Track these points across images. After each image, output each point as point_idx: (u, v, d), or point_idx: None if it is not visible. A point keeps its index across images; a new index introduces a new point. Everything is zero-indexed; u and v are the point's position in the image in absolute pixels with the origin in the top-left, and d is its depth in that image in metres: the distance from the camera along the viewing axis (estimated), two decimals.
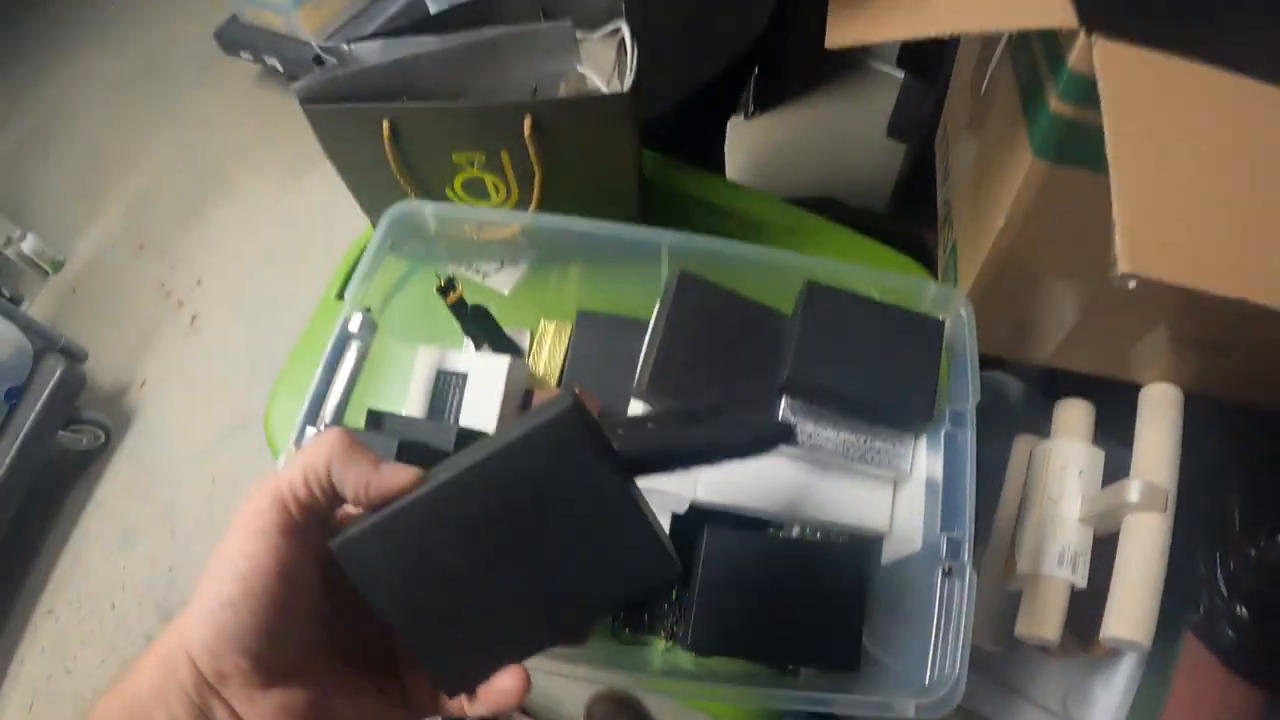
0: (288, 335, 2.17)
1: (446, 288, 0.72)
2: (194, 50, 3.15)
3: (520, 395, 0.72)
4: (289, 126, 2.80)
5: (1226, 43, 0.56)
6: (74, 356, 2.07)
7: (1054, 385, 0.82)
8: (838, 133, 2.44)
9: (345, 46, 0.76)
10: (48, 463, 2.03)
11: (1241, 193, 0.51)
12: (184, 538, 2.01)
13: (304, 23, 2.55)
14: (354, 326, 0.64)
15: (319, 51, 0.78)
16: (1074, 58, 0.55)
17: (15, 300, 2.49)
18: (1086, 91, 0.54)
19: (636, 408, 0.66)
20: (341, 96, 0.73)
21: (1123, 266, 0.45)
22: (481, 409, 0.68)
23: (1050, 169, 0.63)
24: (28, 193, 2.98)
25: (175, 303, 2.44)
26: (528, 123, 0.68)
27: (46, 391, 1.92)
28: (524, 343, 0.80)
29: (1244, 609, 0.67)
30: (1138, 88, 0.52)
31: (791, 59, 2.30)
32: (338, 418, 0.61)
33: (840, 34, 0.63)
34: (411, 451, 0.53)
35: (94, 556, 2.02)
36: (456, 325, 0.76)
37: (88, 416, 2.10)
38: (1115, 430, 0.74)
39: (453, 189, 0.78)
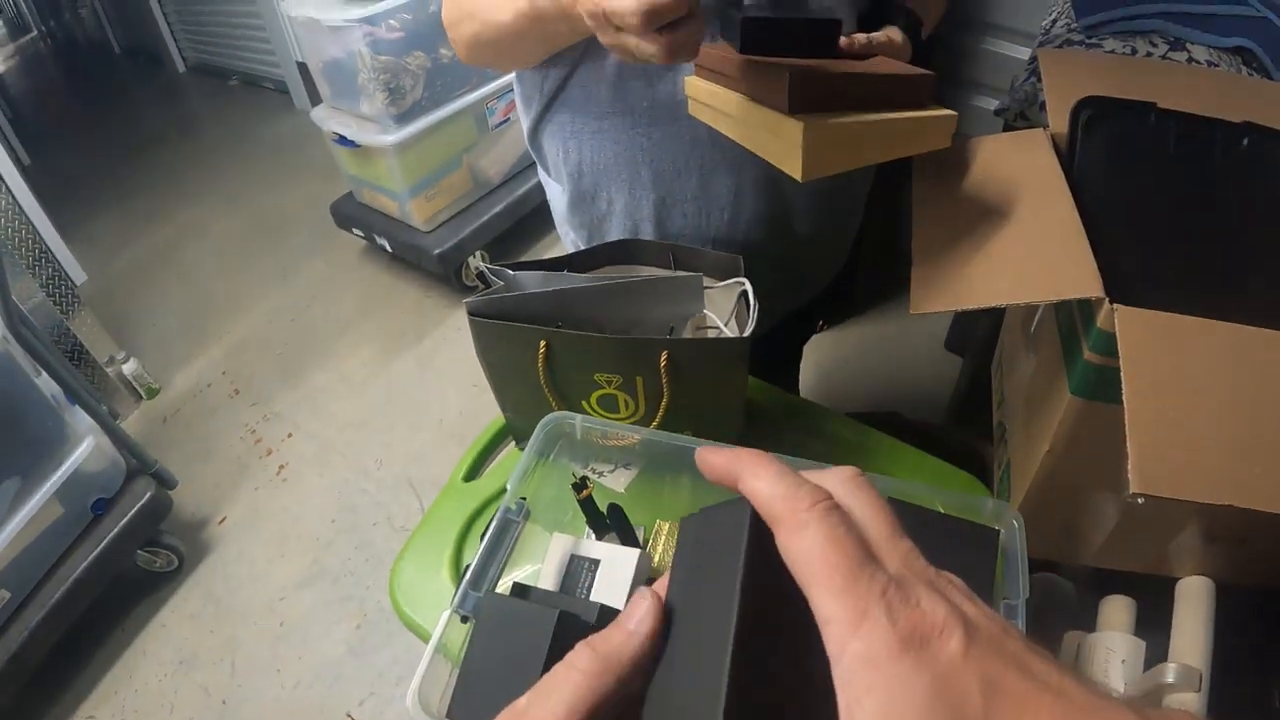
0: (370, 499, 2.34)
1: (580, 485, 0.86)
2: (307, 217, 3.43)
3: (643, 582, 0.84)
4: (389, 305, 3.05)
5: (1232, 302, 0.71)
6: (164, 482, 2.19)
7: (1100, 582, 0.89)
8: (900, 346, 2.60)
9: (510, 272, 0.93)
10: (119, 577, 2.11)
11: (1233, 417, 0.64)
12: (243, 674, 2.06)
13: (415, 211, 2.79)
14: (514, 514, 0.77)
15: (485, 270, 0.95)
16: (1101, 319, 0.70)
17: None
18: (1112, 345, 0.67)
19: None
20: (506, 315, 0.88)
21: (1134, 487, 0.59)
22: (611, 592, 0.80)
23: (1085, 404, 0.77)
24: (135, 318, 3.20)
25: (265, 450, 2.59)
26: (664, 356, 0.83)
27: (133, 511, 2.04)
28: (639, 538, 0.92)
29: None
30: (1151, 342, 0.67)
31: (860, 283, 2.52)
32: (491, 586, 0.73)
33: (921, 303, 0.79)
34: (564, 620, 0.61)
35: (147, 675, 2.08)
36: (577, 512, 0.89)
37: (167, 541, 2.20)
38: (1159, 620, 0.80)
39: (589, 402, 0.92)
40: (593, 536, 0.90)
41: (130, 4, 7.37)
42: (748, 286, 0.88)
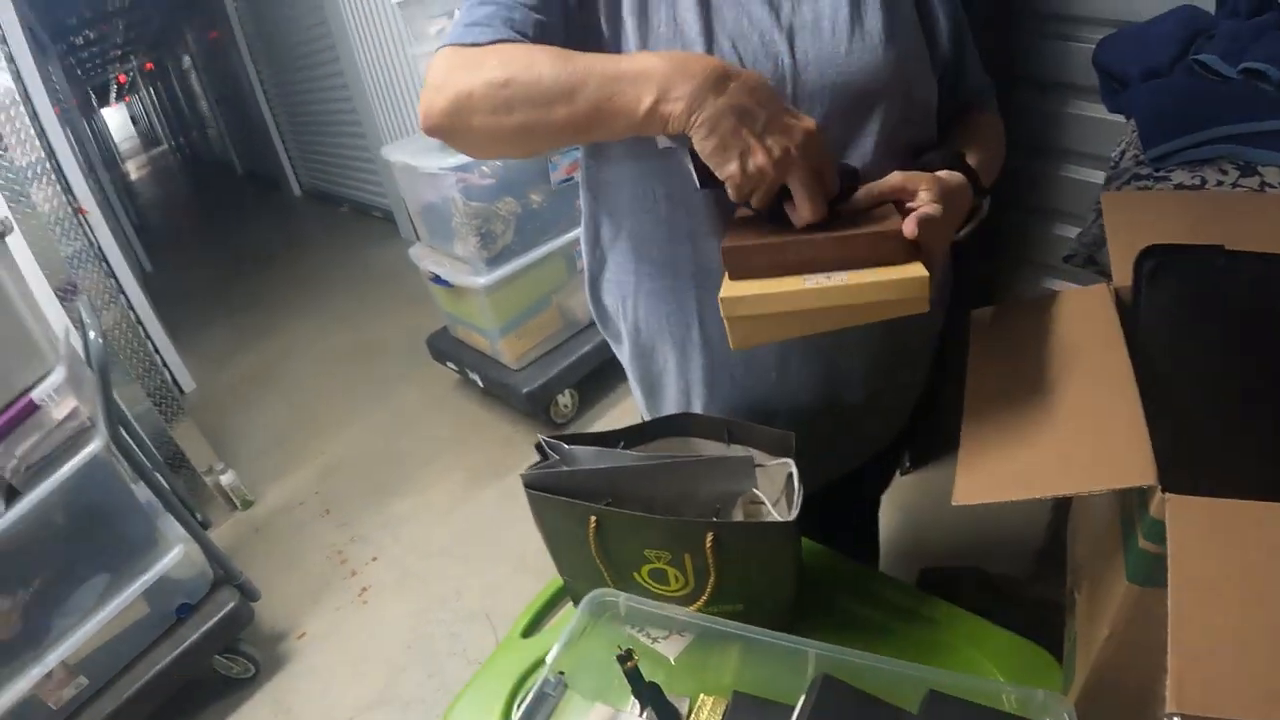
0: (446, 629, 2.37)
1: (625, 656, 0.88)
2: (405, 344, 3.58)
3: None
4: (478, 438, 3.13)
5: None
6: (248, 594, 2.28)
7: None
8: None
9: (565, 445, 0.98)
10: (196, 678, 2.18)
11: None
12: None
13: (506, 349, 2.89)
14: (551, 688, 0.80)
15: (542, 441, 1.00)
16: (1154, 507, 0.67)
17: (205, 525, 2.78)
18: (1165, 534, 0.64)
19: None
20: (559, 490, 0.93)
21: (1169, 707, 0.55)
22: None
23: (1142, 591, 0.73)
24: (237, 429, 3.37)
25: (349, 571, 2.66)
26: (709, 537, 0.86)
27: (215, 618, 2.14)
28: (683, 708, 0.93)
29: None
30: (1202, 535, 0.63)
31: (948, 417, 2.43)
32: None
33: (966, 494, 0.79)
34: None
35: None
36: (621, 680, 0.90)
37: (245, 649, 2.28)
38: None
39: (639, 574, 0.95)
40: (636, 707, 0.91)
41: (253, 131, 8.01)
42: (793, 469, 0.90)
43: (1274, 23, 1.24)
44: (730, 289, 0.80)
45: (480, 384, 3.09)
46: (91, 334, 2.08)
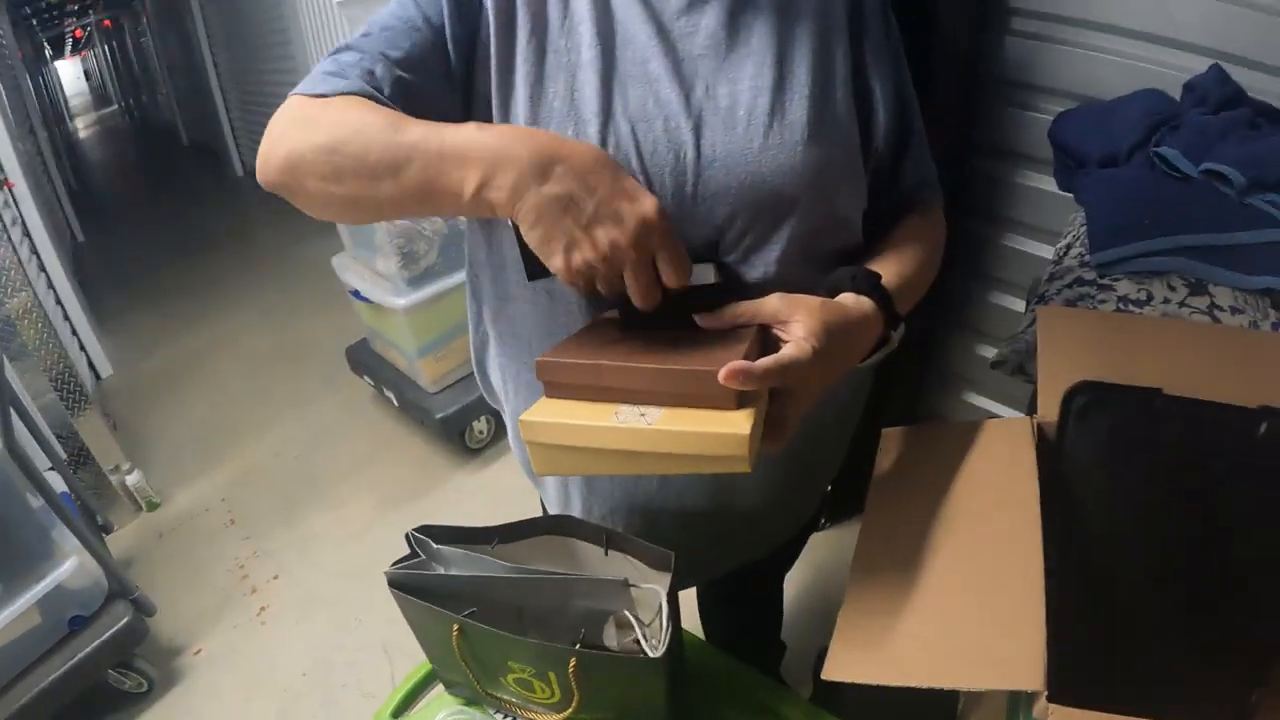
0: (344, 657, 2.31)
1: None
2: (332, 349, 3.47)
3: None
4: (394, 456, 3.06)
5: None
6: (143, 608, 2.21)
7: None
8: None
9: (433, 545, 0.95)
10: (89, 692, 2.11)
11: None
12: None
13: (424, 370, 2.83)
14: None
15: (409, 536, 0.96)
16: (1037, 710, 0.65)
17: (106, 528, 2.68)
18: None
19: None
20: (425, 593, 0.89)
21: None
22: None
23: None
24: (146, 430, 3.26)
25: (250, 587, 2.59)
26: (573, 662, 0.84)
27: (108, 634, 2.06)
28: None
29: None
30: None
31: (865, 475, 2.40)
32: None
33: (837, 669, 0.71)
34: None
35: None
36: None
37: (139, 665, 2.21)
38: None
39: (505, 680, 0.92)
40: None
41: (202, 104, 7.83)
42: (663, 599, 0.88)
43: (1244, 120, 1.18)
44: (536, 410, 0.73)
45: (395, 403, 3.02)
46: None
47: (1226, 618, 0.80)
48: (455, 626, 0.87)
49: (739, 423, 0.66)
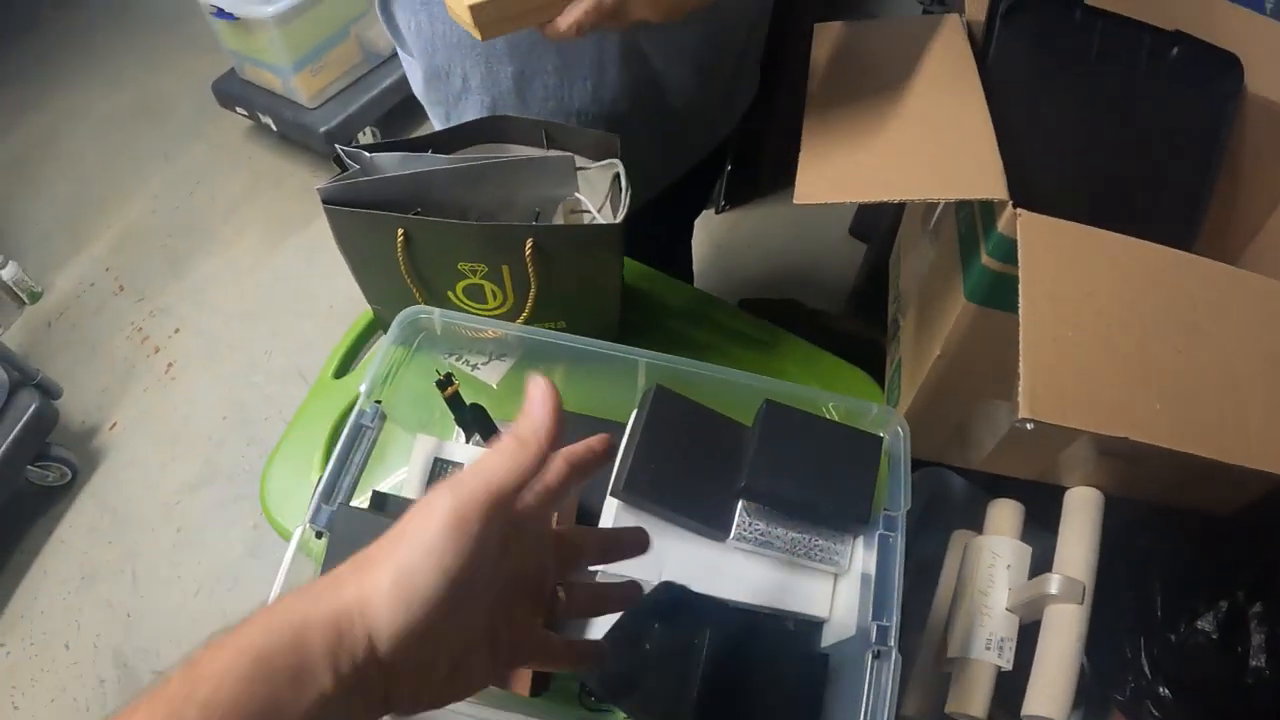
0: (260, 393, 2.25)
1: (445, 382, 0.80)
2: (190, 97, 3.21)
3: None
4: (276, 188, 2.90)
5: (1139, 219, 0.67)
6: (49, 393, 2.09)
7: (995, 483, 0.88)
8: (803, 230, 2.55)
9: (367, 154, 0.85)
10: (12, 496, 2.04)
11: (1131, 344, 0.61)
12: (145, 585, 2.02)
13: (300, 87, 2.63)
14: (368, 420, 0.72)
15: (340, 153, 0.86)
16: (1002, 223, 0.66)
17: None
18: (1012, 252, 0.63)
19: (611, 505, 0.74)
20: (362, 203, 0.81)
21: (1022, 413, 0.56)
22: None
23: (979, 311, 0.74)
24: (10, 221, 2.98)
25: (152, 348, 2.48)
26: (529, 244, 0.77)
27: (19, 426, 1.94)
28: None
29: (1166, 689, 0.72)
30: (1053, 254, 0.63)
31: (765, 157, 2.38)
32: (347, 497, 0.69)
33: (806, 193, 0.72)
34: None
35: (51, 595, 2.02)
36: (445, 411, 0.84)
37: (56, 454, 2.11)
38: (1049, 523, 0.80)
39: (454, 292, 0.86)
40: (462, 436, 0.85)
41: None
42: (620, 169, 0.81)
43: None
44: None
45: (274, 127, 2.82)
46: None
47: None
48: (400, 231, 0.80)
49: None
